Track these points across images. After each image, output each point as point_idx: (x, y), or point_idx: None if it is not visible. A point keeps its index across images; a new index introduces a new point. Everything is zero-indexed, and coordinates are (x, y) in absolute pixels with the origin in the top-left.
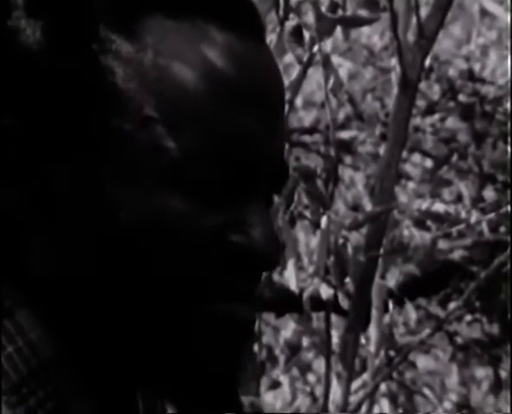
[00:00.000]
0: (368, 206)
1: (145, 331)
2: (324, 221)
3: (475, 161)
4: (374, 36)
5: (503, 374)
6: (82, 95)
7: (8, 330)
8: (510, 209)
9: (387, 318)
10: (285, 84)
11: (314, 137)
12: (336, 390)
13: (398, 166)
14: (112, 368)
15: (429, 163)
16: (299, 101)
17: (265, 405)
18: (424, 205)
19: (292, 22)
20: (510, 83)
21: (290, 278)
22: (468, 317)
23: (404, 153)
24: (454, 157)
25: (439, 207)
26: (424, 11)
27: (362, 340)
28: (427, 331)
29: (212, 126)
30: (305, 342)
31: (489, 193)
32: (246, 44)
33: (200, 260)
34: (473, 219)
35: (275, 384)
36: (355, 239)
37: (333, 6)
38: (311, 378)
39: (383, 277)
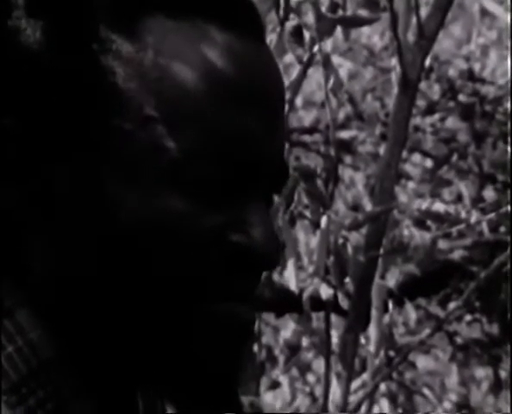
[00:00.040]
0: (368, 206)
1: (145, 331)
2: (324, 221)
3: (475, 161)
4: (374, 36)
5: (503, 374)
6: (82, 95)
7: (8, 330)
8: (510, 209)
9: (387, 318)
10: (285, 83)
11: (314, 137)
12: (336, 390)
13: (398, 166)
14: (112, 368)
15: (429, 163)
16: (299, 101)
17: (265, 405)
18: (424, 205)
19: (292, 22)
20: (510, 83)
21: (290, 278)
22: (468, 317)
23: (404, 153)
24: (454, 157)
25: (439, 207)
26: (424, 11)
27: (362, 340)
28: (426, 331)
29: (212, 126)
30: (305, 342)
31: (489, 193)
32: (246, 44)
33: (200, 260)
34: (473, 219)
35: (275, 384)
36: (355, 239)
37: (333, 6)
38: (311, 378)
39: (382, 277)
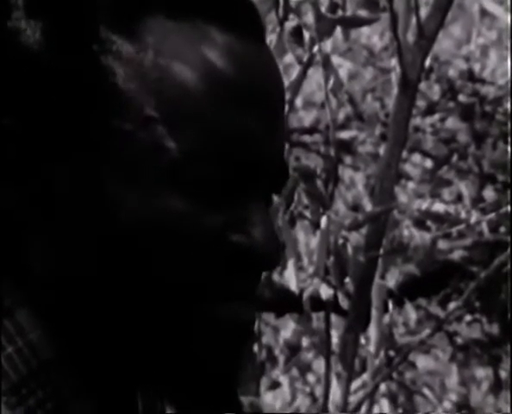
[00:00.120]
0: (368, 206)
1: (145, 331)
2: (324, 221)
3: (475, 161)
4: (374, 36)
5: (503, 374)
6: (82, 95)
7: (8, 331)
8: (510, 209)
9: (387, 318)
10: (285, 84)
11: (314, 137)
12: (336, 390)
13: (398, 166)
14: (112, 368)
15: (429, 163)
16: (299, 101)
17: (265, 406)
18: (424, 205)
19: (292, 23)
20: (510, 83)
21: (290, 278)
22: (468, 317)
23: (404, 153)
24: (454, 157)
25: (439, 207)
26: (424, 11)
27: (362, 340)
28: (426, 331)
29: (212, 126)
30: (305, 343)
31: (489, 193)
32: (246, 44)
33: (200, 260)
34: (473, 219)
35: (275, 384)
36: (355, 239)
37: (332, 6)
38: (311, 378)
39: (382, 277)
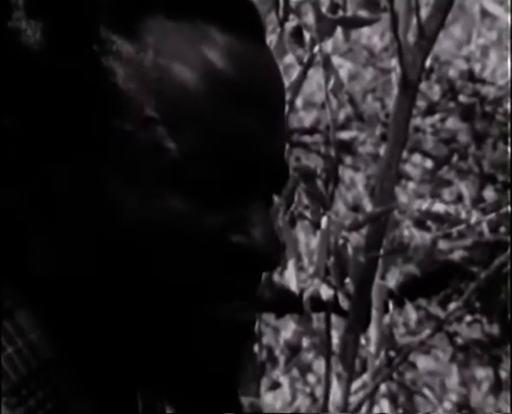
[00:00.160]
0: (368, 207)
1: (145, 331)
2: (324, 221)
3: (475, 162)
4: (374, 37)
5: (503, 375)
6: (82, 95)
7: (7, 331)
8: (510, 209)
9: (387, 319)
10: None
11: (314, 137)
12: (336, 390)
13: (398, 167)
14: (112, 369)
15: (429, 163)
16: (299, 101)
17: (265, 406)
18: (424, 205)
19: (292, 23)
20: (510, 83)
21: (291, 278)
22: (468, 318)
23: (404, 153)
24: (454, 157)
25: (439, 207)
26: (424, 12)
27: (362, 340)
28: (427, 332)
29: (212, 126)
30: (305, 343)
31: (489, 193)
32: (246, 45)
33: (200, 261)
34: (473, 219)
35: (275, 384)
36: (355, 239)
37: (333, 7)
38: (311, 378)
39: (383, 277)
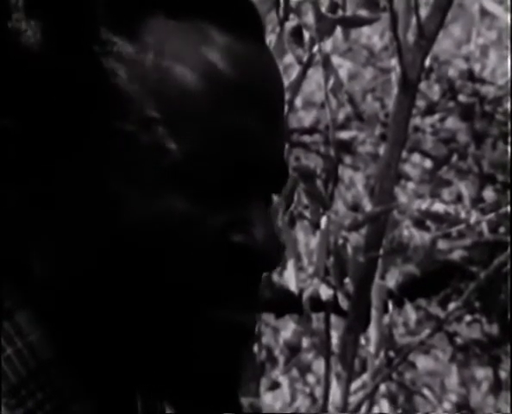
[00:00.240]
0: (368, 206)
1: (145, 331)
2: (324, 221)
3: (475, 161)
4: (374, 36)
5: (503, 375)
6: (83, 96)
7: (7, 332)
8: (510, 209)
9: (387, 319)
10: (285, 84)
11: (313, 137)
12: (336, 391)
13: (398, 167)
14: (112, 369)
15: (429, 163)
16: (299, 101)
17: (265, 406)
18: (424, 205)
19: (292, 23)
20: (510, 83)
21: (290, 278)
22: (468, 318)
23: (404, 153)
24: (454, 157)
25: (438, 207)
26: (424, 11)
27: (362, 340)
28: (426, 332)
29: (213, 127)
30: (305, 343)
31: (488, 193)
32: (246, 45)
33: (201, 261)
34: (473, 219)
35: (274, 384)
36: (355, 239)
37: (333, 6)
38: (311, 378)
39: (382, 277)
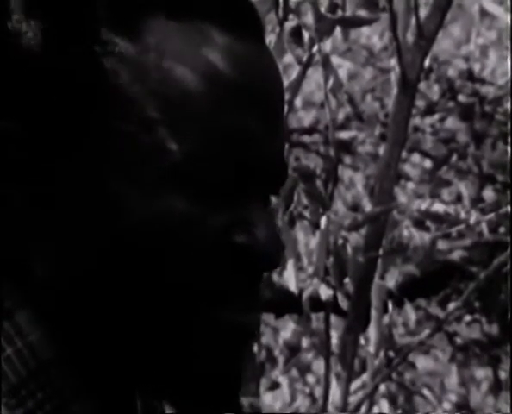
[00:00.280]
0: (367, 206)
1: (146, 332)
2: (323, 221)
3: (474, 162)
4: (373, 37)
5: (503, 375)
6: (84, 97)
7: (7, 332)
8: (510, 209)
9: (386, 319)
10: (285, 84)
11: (313, 137)
12: (335, 391)
13: (398, 167)
14: (112, 369)
15: (429, 163)
16: (299, 101)
17: (265, 406)
18: (423, 206)
19: (292, 23)
20: (510, 83)
21: (290, 278)
22: (468, 318)
23: (404, 153)
24: (454, 157)
25: (438, 207)
26: (423, 11)
27: (361, 340)
28: (426, 332)
29: (213, 127)
30: (304, 343)
31: (488, 193)
32: (246, 45)
33: (202, 261)
34: (473, 219)
35: (274, 384)
36: (354, 239)
37: (332, 6)
38: (310, 378)
39: (382, 277)
